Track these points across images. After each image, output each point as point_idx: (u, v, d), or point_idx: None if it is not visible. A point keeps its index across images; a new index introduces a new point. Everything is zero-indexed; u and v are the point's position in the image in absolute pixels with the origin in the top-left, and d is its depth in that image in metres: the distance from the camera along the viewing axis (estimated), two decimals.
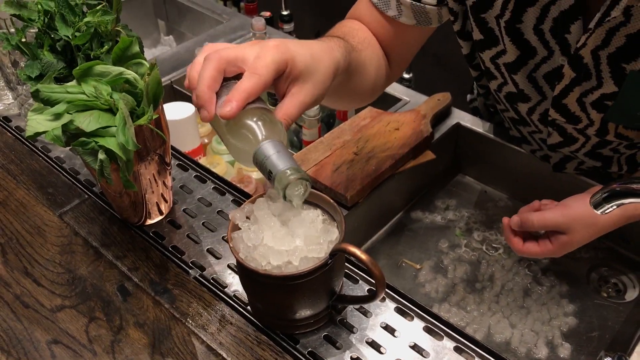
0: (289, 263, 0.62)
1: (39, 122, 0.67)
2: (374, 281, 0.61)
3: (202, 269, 0.76)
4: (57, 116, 0.67)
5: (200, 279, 0.75)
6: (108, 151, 0.65)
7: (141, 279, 0.75)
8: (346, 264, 0.75)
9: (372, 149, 0.96)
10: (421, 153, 0.99)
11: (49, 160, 0.93)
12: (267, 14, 2.05)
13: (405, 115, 1.02)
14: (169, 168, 0.80)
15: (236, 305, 0.72)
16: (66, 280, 0.76)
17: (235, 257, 0.62)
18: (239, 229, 0.65)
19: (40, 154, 0.95)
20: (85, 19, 0.74)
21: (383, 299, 0.72)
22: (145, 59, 0.73)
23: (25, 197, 0.87)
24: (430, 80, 1.45)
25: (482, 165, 1.09)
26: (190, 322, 0.70)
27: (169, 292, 0.74)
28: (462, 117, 1.07)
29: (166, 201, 0.83)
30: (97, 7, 0.76)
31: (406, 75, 2.10)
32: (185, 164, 0.92)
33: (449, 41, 1.13)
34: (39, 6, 0.76)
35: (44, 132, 0.66)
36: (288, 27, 2.10)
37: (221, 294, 0.73)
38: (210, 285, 0.74)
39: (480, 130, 1.05)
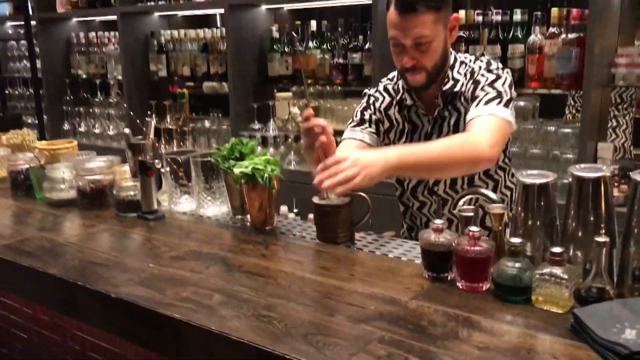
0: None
1: (240, 170, 1.85)
2: (366, 209, 1.74)
3: (294, 234, 1.87)
4: (246, 167, 1.85)
5: (293, 235, 1.86)
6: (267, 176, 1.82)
7: (268, 245, 1.85)
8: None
9: None
10: None
11: (220, 222, 2.06)
12: None
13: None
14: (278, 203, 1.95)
15: (309, 239, 1.82)
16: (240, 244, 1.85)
17: (315, 204, 1.76)
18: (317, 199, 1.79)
19: (212, 224, 2.08)
20: (248, 146, 1.97)
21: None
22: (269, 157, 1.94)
23: (215, 233, 1.99)
24: (382, 223, 2.66)
25: None
26: (292, 242, 1.80)
27: (282, 241, 1.83)
28: None
29: (275, 217, 1.96)
30: (248, 141, 1.99)
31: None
32: None
33: (389, 208, 2.36)
34: (227, 146, 1.99)
35: (242, 173, 1.83)
36: None
37: (303, 238, 1.83)
38: (298, 238, 1.84)
39: None
